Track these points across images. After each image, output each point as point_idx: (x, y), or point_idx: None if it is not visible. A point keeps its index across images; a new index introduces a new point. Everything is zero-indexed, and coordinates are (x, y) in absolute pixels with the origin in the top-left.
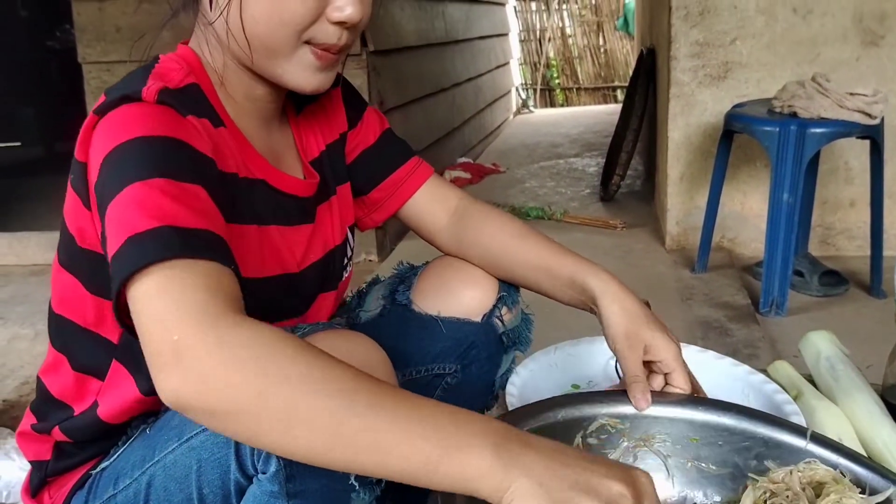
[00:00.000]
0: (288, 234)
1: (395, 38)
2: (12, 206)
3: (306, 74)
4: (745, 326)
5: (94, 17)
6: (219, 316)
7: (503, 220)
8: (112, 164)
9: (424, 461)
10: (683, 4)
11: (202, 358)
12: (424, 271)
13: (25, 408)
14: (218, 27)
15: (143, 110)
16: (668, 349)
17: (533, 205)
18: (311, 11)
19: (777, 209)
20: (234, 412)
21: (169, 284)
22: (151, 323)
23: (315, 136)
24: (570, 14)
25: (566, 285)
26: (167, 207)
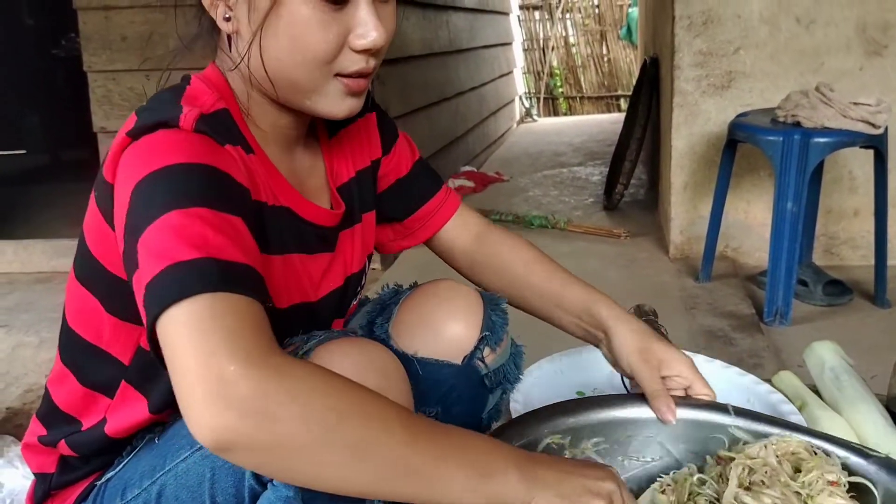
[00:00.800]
0: (308, 262)
1: (399, 47)
2: (18, 214)
3: (337, 102)
4: (749, 336)
5: (99, 26)
6: (272, 352)
7: (518, 246)
8: (148, 190)
9: (465, 490)
10: (687, 14)
11: (265, 389)
12: (406, 300)
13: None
14: (241, 68)
15: (181, 137)
16: (683, 362)
17: (536, 213)
18: (333, 44)
19: (781, 218)
20: (296, 448)
21: (214, 315)
22: (194, 354)
23: (346, 162)
24: (574, 23)
25: (574, 314)
26: (210, 238)
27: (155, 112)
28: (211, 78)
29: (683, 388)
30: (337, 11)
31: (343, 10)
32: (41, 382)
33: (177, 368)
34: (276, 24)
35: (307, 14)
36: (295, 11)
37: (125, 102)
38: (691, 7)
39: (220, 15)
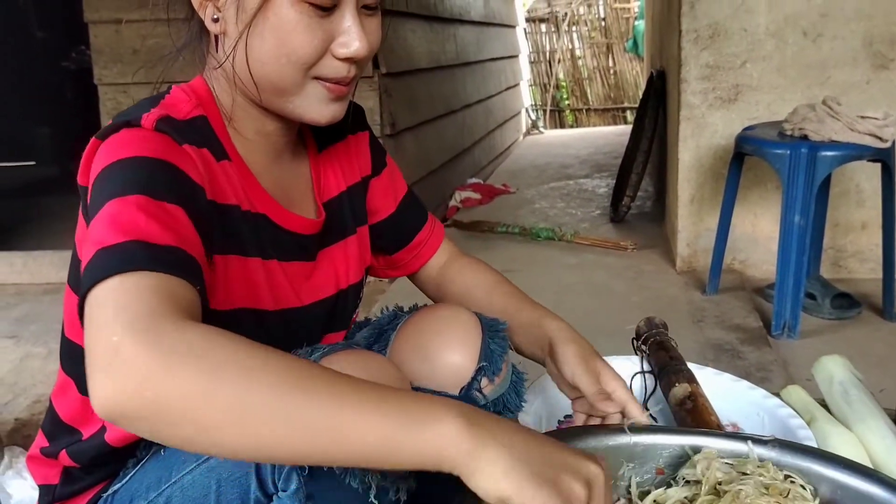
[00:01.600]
0: (287, 269)
1: (407, 60)
2: (27, 225)
3: (319, 107)
4: (757, 349)
5: (110, 40)
6: (163, 318)
7: (478, 272)
8: (99, 183)
9: (385, 438)
10: (693, 28)
11: (139, 359)
12: (403, 326)
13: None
14: (226, 69)
15: (139, 135)
16: (617, 380)
17: (543, 226)
18: (316, 49)
19: (789, 232)
20: (176, 414)
21: (119, 291)
22: (94, 328)
23: (336, 176)
24: (580, 36)
25: (525, 328)
26: (140, 223)
27: (126, 115)
28: (194, 87)
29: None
30: (323, 18)
31: (329, 18)
32: (49, 394)
33: (86, 345)
34: (262, 25)
35: (294, 18)
36: (282, 14)
37: None
38: (698, 21)
39: (208, 16)
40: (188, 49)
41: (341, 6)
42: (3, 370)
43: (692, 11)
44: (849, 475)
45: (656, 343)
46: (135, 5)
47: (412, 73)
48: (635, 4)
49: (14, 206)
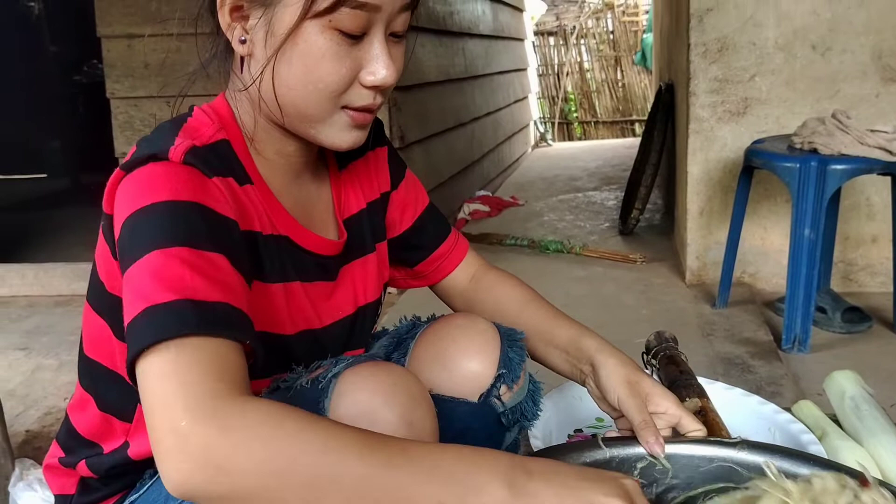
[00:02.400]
0: (310, 290)
1: (416, 74)
2: (39, 238)
3: (342, 134)
4: (767, 363)
5: (122, 54)
6: (227, 398)
7: (510, 287)
8: (135, 227)
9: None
10: (702, 41)
11: (213, 444)
12: (422, 335)
13: (48, 438)
14: (251, 91)
15: (168, 170)
16: (669, 399)
17: (552, 238)
18: (345, 78)
19: (799, 245)
20: (253, 496)
21: (177, 366)
22: (157, 405)
23: (356, 194)
24: (588, 49)
25: (562, 349)
26: (187, 279)
27: (151, 143)
28: (217, 108)
29: (671, 426)
30: (352, 46)
31: (357, 46)
32: (60, 405)
33: (146, 418)
34: (291, 51)
35: (323, 45)
36: (311, 41)
37: (146, 128)
38: (706, 35)
39: (236, 37)
40: (212, 66)
41: (370, 34)
42: (15, 382)
43: (700, 25)
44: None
45: (666, 357)
46: (147, 21)
47: (422, 87)
48: (644, 17)
49: (26, 218)
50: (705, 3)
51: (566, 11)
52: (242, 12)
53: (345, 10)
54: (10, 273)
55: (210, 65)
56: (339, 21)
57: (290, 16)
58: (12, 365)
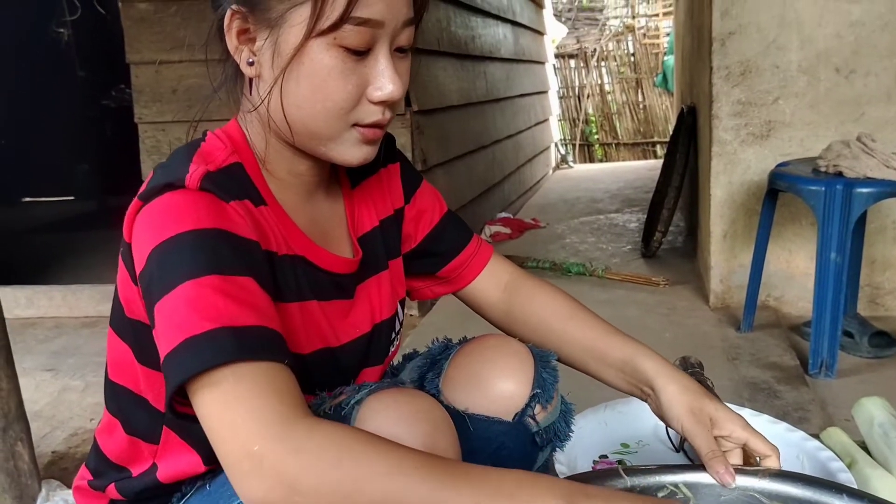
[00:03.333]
0: (327, 308)
1: (438, 97)
2: (66, 259)
3: (353, 151)
4: (794, 388)
5: (150, 80)
6: (293, 421)
7: (552, 298)
8: (162, 259)
9: None
10: (724, 65)
11: (286, 466)
12: (456, 356)
13: (74, 459)
14: (260, 112)
15: (186, 199)
16: (736, 421)
17: (574, 261)
18: (352, 95)
19: (825, 269)
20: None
21: (237, 392)
22: (227, 432)
23: (369, 211)
24: (609, 71)
25: (617, 368)
26: (221, 306)
27: (167, 171)
28: (229, 132)
29: (739, 446)
30: (357, 63)
31: (363, 62)
32: (86, 426)
33: (215, 444)
34: (297, 70)
35: (329, 63)
36: (317, 60)
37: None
38: (729, 58)
39: (244, 59)
40: (223, 90)
41: (375, 50)
42: (41, 403)
43: (723, 49)
44: None
45: None
46: (174, 47)
47: (443, 110)
48: (664, 40)
49: (54, 240)
50: (727, 26)
51: (587, 34)
52: (249, 35)
53: (349, 28)
54: (37, 294)
55: (221, 89)
56: (344, 38)
57: (295, 35)
58: (39, 386)
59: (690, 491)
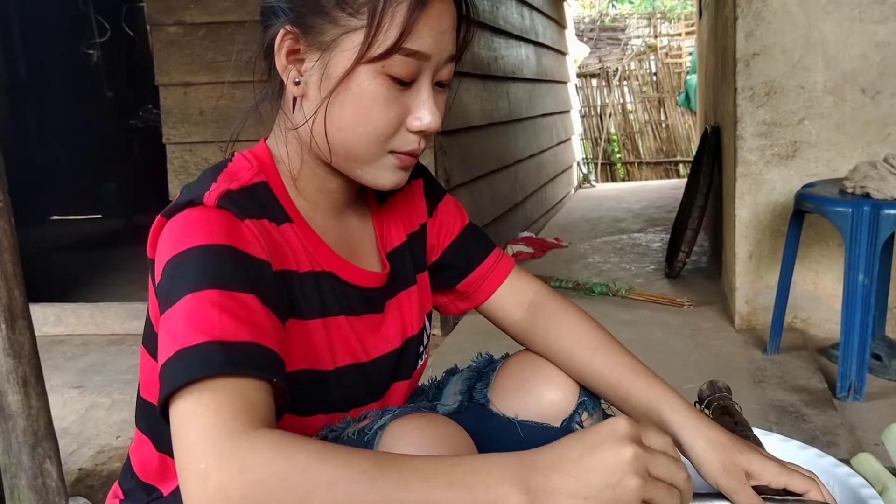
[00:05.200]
0: (356, 324)
1: (461, 118)
2: (94, 277)
3: (387, 175)
4: (822, 412)
5: (178, 101)
6: (241, 437)
7: (577, 324)
8: (172, 272)
9: None
10: (749, 85)
11: (230, 485)
12: (503, 367)
13: (101, 476)
14: (301, 131)
15: (202, 216)
16: (770, 468)
17: (597, 280)
18: (392, 122)
19: (852, 291)
20: None
21: (198, 407)
22: (182, 448)
23: (396, 227)
24: (631, 90)
25: (640, 412)
26: (216, 320)
27: (191, 189)
28: (257, 154)
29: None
30: (401, 92)
31: (406, 92)
32: (113, 444)
33: (175, 459)
34: (343, 94)
35: (374, 90)
36: (364, 85)
37: (200, 172)
38: (753, 78)
39: (291, 78)
40: (264, 105)
41: (418, 82)
42: (69, 420)
43: (747, 69)
44: None
45: (720, 407)
46: (202, 69)
47: (466, 131)
48: (687, 59)
49: (82, 258)
50: (752, 47)
51: (609, 54)
52: (298, 55)
53: (398, 58)
54: (66, 312)
55: (262, 104)
56: (392, 67)
57: (345, 60)
58: (67, 403)
59: None
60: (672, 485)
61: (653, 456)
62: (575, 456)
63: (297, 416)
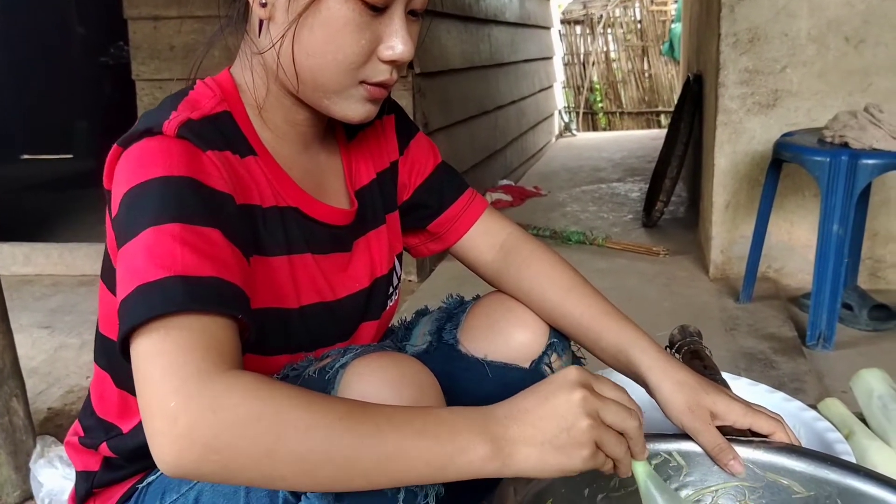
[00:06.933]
0: (323, 262)
1: (441, 60)
2: (64, 217)
3: (356, 107)
4: (791, 360)
5: (148, 36)
6: (213, 377)
7: (549, 266)
8: (130, 205)
9: (434, 470)
10: (733, 31)
11: (201, 424)
12: (473, 308)
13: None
14: (267, 56)
15: (161, 145)
16: (735, 409)
17: (574, 229)
18: (364, 49)
19: (826, 241)
20: (246, 470)
21: (165, 345)
22: (147, 386)
23: (366, 164)
24: (615, 38)
25: (610, 354)
26: (177, 255)
27: (150, 117)
28: (220, 81)
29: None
30: (373, 18)
31: (378, 19)
32: (83, 384)
33: (139, 398)
34: (313, 17)
35: (346, 15)
36: (335, 9)
37: None
38: (737, 24)
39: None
40: (229, 33)
41: (391, 9)
42: (38, 360)
43: (732, 15)
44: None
45: (690, 352)
46: (173, 2)
47: (446, 74)
48: (672, 7)
49: (52, 198)
50: None
51: (593, 0)
52: None
53: None
54: (35, 252)
55: (228, 27)
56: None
57: None
58: (35, 343)
59: (684, 459)
60: (624, 432)
61: (603, 402)
62: (530, 406)
63: (260, 356)
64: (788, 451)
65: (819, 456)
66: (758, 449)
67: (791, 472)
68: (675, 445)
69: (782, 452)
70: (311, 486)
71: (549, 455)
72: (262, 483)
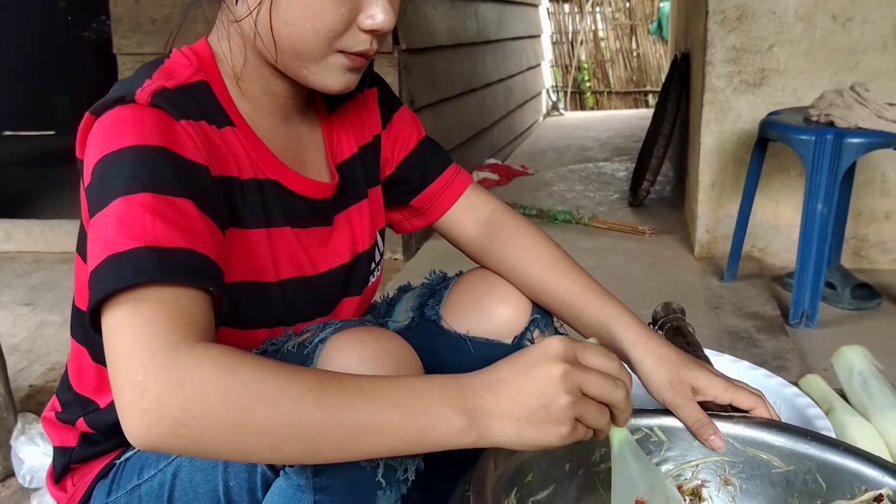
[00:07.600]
0: (302, 235)
1: (427, 36)
2: (46, 194)
3: (335, 76)
4: (773, 338)
5: (129, 9)
6: (182, 349)
7: (533, 242)
8: (100, 174)
9: (407, 443)
10: (720, 9)
11: (169, 398)
12: (456, 284)
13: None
14: (244, 25)
15: (134, 114)
16: (716, 384)
17: (561, 208)
18: (343, 19)
19: (810, 220)
20: (215, 444)
21: (135, 317)
22: (116, 359)
23: (347, 137)
24: (604, 17)
25: (593, 329)
26: (148, 225)
27: (124, 85)
28: (197, 50)
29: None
30: None
31: None
32: (64, 361)
33: (109, 371)
34: None
35: None
36: None
37: None
38: (725, 2)
39: None
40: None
41: None
42: (19, 337)
43: None
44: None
45: (673, 328)
46: None
47: (432, 50)
48: None
49: (33, 174)
50: None
51: None
52: None
53: None
54: (16, 229)
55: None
56: None
57: None
58: (17, 320)
59: (665, 434)
60: (609, 403)
61: (585, 374)
62: (508, 377)
63: (239, 330)
64: (768, 427)
65: (799, 431)
66: (738, 424)
67: (771, 447)
68: (657, 420)
69: (762, 428)
70: (281, 459)
71: (526, 431)
72: (232, 456)
